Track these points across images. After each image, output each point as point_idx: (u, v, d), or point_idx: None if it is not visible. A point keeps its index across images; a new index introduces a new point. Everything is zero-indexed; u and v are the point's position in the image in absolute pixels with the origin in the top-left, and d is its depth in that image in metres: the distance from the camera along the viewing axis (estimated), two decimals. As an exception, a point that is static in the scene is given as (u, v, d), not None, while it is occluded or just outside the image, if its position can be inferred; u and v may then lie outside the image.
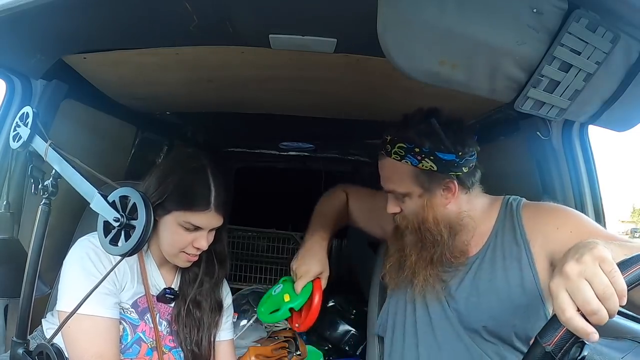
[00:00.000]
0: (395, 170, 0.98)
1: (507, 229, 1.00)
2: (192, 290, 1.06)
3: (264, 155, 2.49)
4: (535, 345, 0.56)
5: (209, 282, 1.08)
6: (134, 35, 0.93)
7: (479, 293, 0.98)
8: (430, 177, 0.97)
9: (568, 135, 1.29)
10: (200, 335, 1.06)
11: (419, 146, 0.95)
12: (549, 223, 0.96)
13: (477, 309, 0.97)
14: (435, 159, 0.95)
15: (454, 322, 1.00)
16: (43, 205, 0.71)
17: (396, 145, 0.96)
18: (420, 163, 0.95)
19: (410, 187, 0.98)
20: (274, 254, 2.26)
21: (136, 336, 0.99)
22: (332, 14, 0.81)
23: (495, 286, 0.96)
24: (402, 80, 0.74)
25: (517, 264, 0.96)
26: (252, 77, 1.16)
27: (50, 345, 0.65)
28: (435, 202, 0.99)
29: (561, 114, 0.78)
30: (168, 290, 1.04)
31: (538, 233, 0.96)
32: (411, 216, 1.01)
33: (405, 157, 0.96)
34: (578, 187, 1.28)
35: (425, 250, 1.00)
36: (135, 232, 0.57)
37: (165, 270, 1.06)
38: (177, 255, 0.99)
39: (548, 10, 0.66)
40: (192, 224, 0.95)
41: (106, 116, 1.42)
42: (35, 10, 0.73)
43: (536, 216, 0.99)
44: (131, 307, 1.00)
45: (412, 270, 1.02)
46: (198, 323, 1.06)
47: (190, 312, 1.05)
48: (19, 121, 0.78)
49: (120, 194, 0.61)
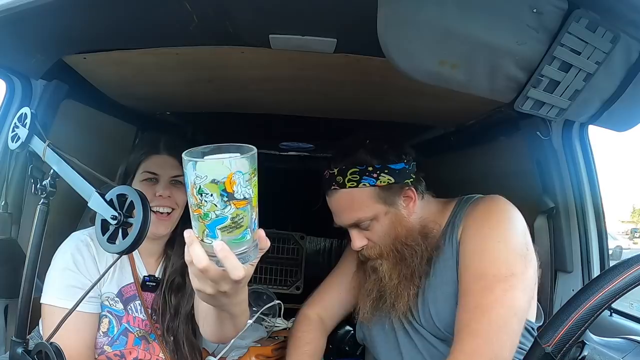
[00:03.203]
0: (354, 198, 0.96)
1: (449, 227, 1.00)
2: (173, 278, 1.08)
3: (264, 155, 2.49)
4: (535, 346, 0.56)
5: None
6: (134, 35, 0.93)
7: (436, 297, 0.97)
8: (389, 192, 0.96)
9: (568, 135, 1.29)
10: (177, 323, 1.06)
11: (371, 164, 0.94)
12: (477, 217, 0.95)
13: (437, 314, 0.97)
14: (390, 172, 0.95)
15: (421, 330, 0.99)
16: (41, 205, 0.71)
17: (348, 172, 0.95)
18: (378, 180, 0.94)
19: (375, 209, 0.96)
20: (274, 254, 2.25)
21: (122, 327, 1.01)
22: (332, 14, 0.80)
23: (445, 290, 0.96)
24: (402, 81, 0.74)
25: (451, 259, 0.96)
26: (252, 77, 1.16)
27: (49, 344, 0.65)
28: (401, 214, 0.98)
29: (561, 114, 0.78)
30: (147, 277, 1.06)
31: (466, 223, 0.96)
32: (383, 239, 0.98)
33: (362, 180, 0.94)
34: (578, 187, 1.28)
35: (406, 267, 0.98)
36: (133, 230, 0.57)
37: (147, 260, 1.08)
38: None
39: (548, 10, 0.66)
40: (148, 172, 1.01)
41: (106, 116, 1.42)
42: (35, 10, 0.73)
43: (475, 208, 0.98)
44: (116, 297, 1.01)
45: (395, 294, 0.99)
46: (174, 310, 1.06)
47: (165, 299, 1.06)
48: (17, 122, 0.78)
49: (117, 192, 0.61)
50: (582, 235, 1.28)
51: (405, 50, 0.66)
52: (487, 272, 0.88)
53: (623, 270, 0.55)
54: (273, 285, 2.14)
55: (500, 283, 0.87)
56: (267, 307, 1.41)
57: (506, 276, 0.87)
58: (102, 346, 0.99)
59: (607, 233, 1.30)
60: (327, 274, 1.27)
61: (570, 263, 1.28)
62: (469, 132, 1.52)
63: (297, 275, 2.21)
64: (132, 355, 1.02)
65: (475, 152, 1.61)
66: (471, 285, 0.90)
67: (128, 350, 1.01)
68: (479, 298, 0.87)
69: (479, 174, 1.60)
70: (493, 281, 0.87)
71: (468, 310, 0.88)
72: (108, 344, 0.99)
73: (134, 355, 1.02)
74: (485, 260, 0.90)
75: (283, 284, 2.19)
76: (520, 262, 0.90)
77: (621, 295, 0.57)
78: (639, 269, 0.55)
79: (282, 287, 2.16)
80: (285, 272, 2.21)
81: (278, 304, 1.45)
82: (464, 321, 0.88)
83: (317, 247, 2.81)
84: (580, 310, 0.57)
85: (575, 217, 1.28)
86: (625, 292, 0.57)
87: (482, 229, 0.94)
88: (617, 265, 0.57)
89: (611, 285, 0.57)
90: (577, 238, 1.28)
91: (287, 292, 2.12)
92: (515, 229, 0.94)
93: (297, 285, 2.18)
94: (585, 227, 1.28)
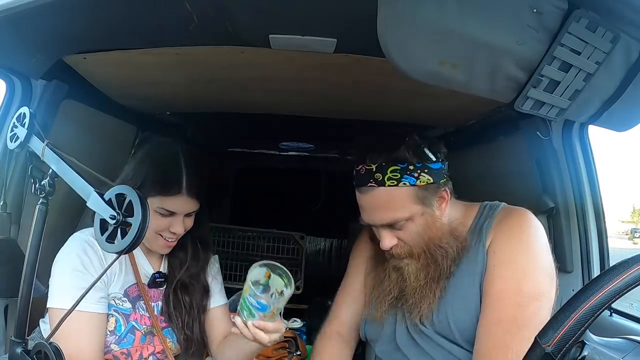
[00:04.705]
0: (393, 197, 0.91)
1: (476, 234, 0.99)
2: (179, 274, 1.08)
3: (264, 155, 2.49)
4: (534, 346, 0.56)
5: (195, 266, 1.10)
6: (134, 35, 0.93)
7: (454, 299, 0.95)
8: (427, 192, 0.93)
9: (568, 135, 1.29)
10: (191, 320, 1.08)
11: (412, 163, 0.91)
12: (509, 230, 0.94)
13: (454, 317, 0.95)
14: (429, 171, 0.92)
15: (431, 331, 0.97)
16: (40, 205, 0.71)
17: (388, 170, 0.90)
18: (418, 180, 0.91)
19: (413, 209, 0.92)
20: (273, 254, 2.25)
21: (129, 325, 1.01)
22: (332, 14, 0.80)
23: (464, 293, 0.95)
24: (402, 81, 0.74)
25: (480, 268, 0.95)
26: (252, 77, 1.16)
27: (49, 344, 0.65)
28: (435, 215, 0.95)
29: (561, 114, 0.78)
30: (157, 274, 1.06)
31: (495, 234, 0.95)
32: (415, 240, 0.95)
33: (402, 179, 0.90)
34: (578, 187, 1.28)
35: (435, 269, 0.95)
36: (132, 230, 0.57)
37: (152, 257, 1.08)
38: (154, 240, 1.01)
39: (548, 10, 0.66)
40: (165, 209, 0.97)
41: (106, 116, 1.42)
42: (35, 10, 0.73)
43: (506, 220, 0.97)
44: (123, 297, 1.01)
45: (420, 295, 0.95)
46: (187, 307, 1.08)
47: (177, 296, 1.07)
48: (16, 121, 0.78)
49: (116, 191, 0.61)
50: (582, 235, 1.28)
51: (405, 50, 0.66)
52: (522, 288, 0.88)
53: (623, 270, 0.55)
54: (273, 285, 2.14)
55: (534, 301, 0.87)
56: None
57: (538, 295, 0.87)
58: (109, 345, 0.99)
59: (607, 233, 1.30)
60: (327, 274, 1.27)
61: (570, 263, 1.28)
62: (468, 132, 1.52)
63: (297, 275, 2.21)
64: (138, 353, 1.02)
65: (475, 152, 1.61)
66: (505, 298, 0.88)
67: (135, 348, 1.02)
68: (515, 312, 0.86)
69: (479, 174, 1.60)
70: (528, 299, 0.87)
71: (503, 322, 0.87)
72: (115, 342, 0.99)
73: (139, 353, 1.02)
74: (519, 274, 0.89)
75: (283, 284, 2.19)
76: (549, 282, 0.90)
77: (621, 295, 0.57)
78: (639, 269, 0.55)
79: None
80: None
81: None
82: (498, 333, 0.86)
83: (317, 247, 2.82)
84: (580, 310, 0.57)
85: (575, 217, 1.28)
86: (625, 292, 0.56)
87: (519, 244, 0.93)
88: (617, 265, 0.57)
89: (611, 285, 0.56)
90: (577, 238, 1.28)
91: (287, 292, 2.12)
92: (547, 248, 0.94)
93: (297, 285, 2.18)
94: (585, 227, 1.28)
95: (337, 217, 2.39)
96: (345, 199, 1.14)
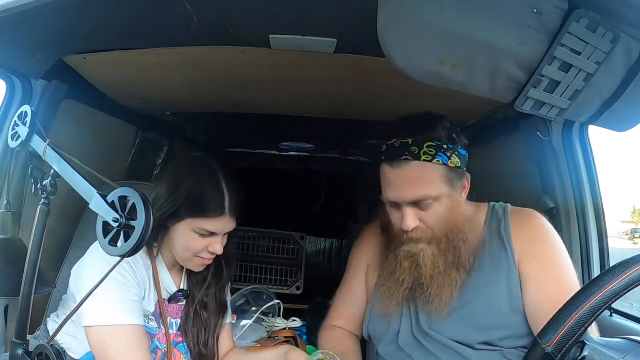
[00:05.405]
0: (426, 172, 0.91)
1: (494, 235, 0.99)
2: (199, 292, 1.06)
3: (264, 155, 2.49)
4: (534, 346, 0.56)
5: (215, 284, 1.08)
6: (134, 35, 0.93)
7: (475, 298, 0.95)
8: (455, 175, 0.93)
9: (568, 135, 1.29)
10: (207, 337, 1.06)
11: (446, 142, 0.91)
12: (537, 235, 0.98)
13: (473, 313, 0.95)
14: (458, 155, 0.93)
15: (438, 335, 0.97)
16: (42, 205, 0.71)
17: (424, 144, 0.90)
18: (450, 160, 0.91)
19: (441, 188, 0.92)
20: (273, 254, 2.25)
21: (153, 345, 0.98)
22: (332, 14, 0.81)
23: (484, 294, 0.95)
24: (402, 81, 0.74)
25: (505, 270, 0.95)
26: (252, 77, 1.16)
27: (50, 345, 0.65)
28: (459, 201, 0.95)
29: (561, 114, 0.78)
30: (180, 292, 1.04)
31: (522, 238, 0.97)
32: (438, 222, 0.94)
33: (436, 156, 0.90)
34: (578, 187, 1.28)
35: (453, 255, 0.95)
36: (135, 233, 0.56)
37: (173, 273, 1.06)
38: (191, 259, 0.98)
39: (548, 10, 0.66)
40: (207, 230, 0.94)
41: (106, 116, 1.41)
42: (35, 10, 0.73)
43: (527, 222, 1.00)
44: (151, 315, 0.99)
45: (438, 283, 0.94)
46: (205, 324, 1.06)
47: (197, 313, 1.05)
48: (17, 120, 0.77)
49: (119, 194, 0.60)
50: (582, 235, 1.28)
51: (405, 50, 0.66)
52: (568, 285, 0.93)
53: (623, 270, 0.55)
54: (273, 285, 2.14)
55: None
56: (266, 306, 1.41)
57: (577, 286, 0.93)
58: None
59: (607, 233, 1.30)
60: (327, 274, 1.27)
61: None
62: (468, 132, 1.52)
63: (297, 275, 2.21)
64: None
65: (475, 152, 1.60)
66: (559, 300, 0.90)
67: None
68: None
69: (479, 174, 1.60)
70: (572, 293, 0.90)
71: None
72: None
73: None
74: (563, 275, 0.95)
75: (283, 284, 2.19)
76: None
77: (621, 295, 0.57)
78: (639, 269, 0.55)
79: (282, 287, 2.16)
80: (285, 272, 2.21)
81: (277, 304, 1.46)
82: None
83: (317, 247, 2.82)
84: (580, 310, 0.57)
85: (575, 217, 1.28)
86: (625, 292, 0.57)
87: (553, 244, 0.98)
88: (617, 265, 0.57)
89: (611, 285, 0.57)
90: (577, 238, 1.28)
91: (287, 292, 2.12)
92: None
93: (297, 285, 2.18)
94: (585, 227, 1.28)
95: (337, 217, 2.40)
96: (346, 199, 1.14)
